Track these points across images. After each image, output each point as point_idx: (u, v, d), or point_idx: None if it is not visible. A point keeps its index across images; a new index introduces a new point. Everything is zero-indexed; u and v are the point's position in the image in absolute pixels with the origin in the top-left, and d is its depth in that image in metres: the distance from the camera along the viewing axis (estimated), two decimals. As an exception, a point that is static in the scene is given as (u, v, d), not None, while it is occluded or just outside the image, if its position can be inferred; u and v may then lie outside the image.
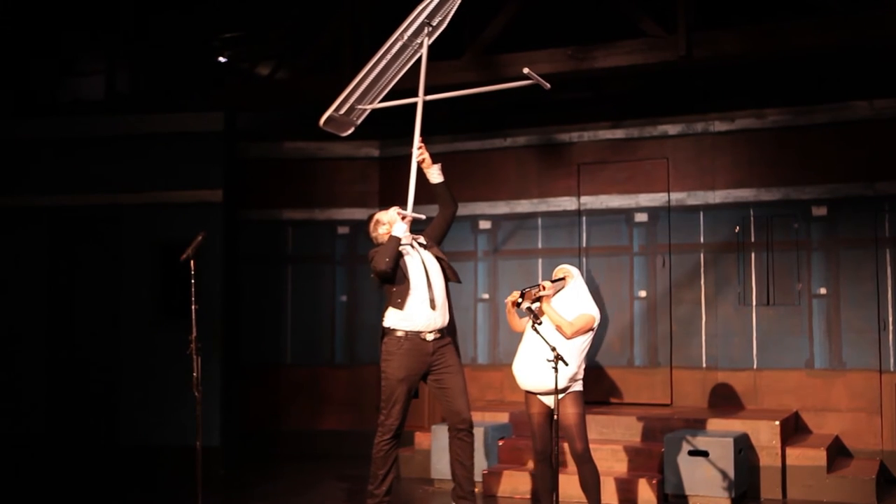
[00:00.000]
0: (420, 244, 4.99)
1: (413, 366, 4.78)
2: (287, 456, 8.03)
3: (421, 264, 4.87)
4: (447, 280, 4.93)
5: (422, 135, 5.06)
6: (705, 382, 7.32)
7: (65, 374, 7.90)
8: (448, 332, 4.90)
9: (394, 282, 4.79)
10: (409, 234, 4.94)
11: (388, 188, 8.41)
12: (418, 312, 4.76)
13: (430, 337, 4.79)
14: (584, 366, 4.92)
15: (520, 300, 4.76)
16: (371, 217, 5.12)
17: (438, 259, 4.95)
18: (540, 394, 4.91)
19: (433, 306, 4.78)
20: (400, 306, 4.75)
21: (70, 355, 7.91)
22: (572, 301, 4.92)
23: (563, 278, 4.99)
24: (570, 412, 4.77)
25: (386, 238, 4.88)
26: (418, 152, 4.99)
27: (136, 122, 7.97)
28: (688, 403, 7.33)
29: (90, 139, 8.01)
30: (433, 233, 5.11)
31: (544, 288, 4.84)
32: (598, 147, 7.85)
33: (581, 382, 4.92)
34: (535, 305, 4.78)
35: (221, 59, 8.71)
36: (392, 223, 4.91)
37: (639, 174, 7.68)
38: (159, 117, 7.93)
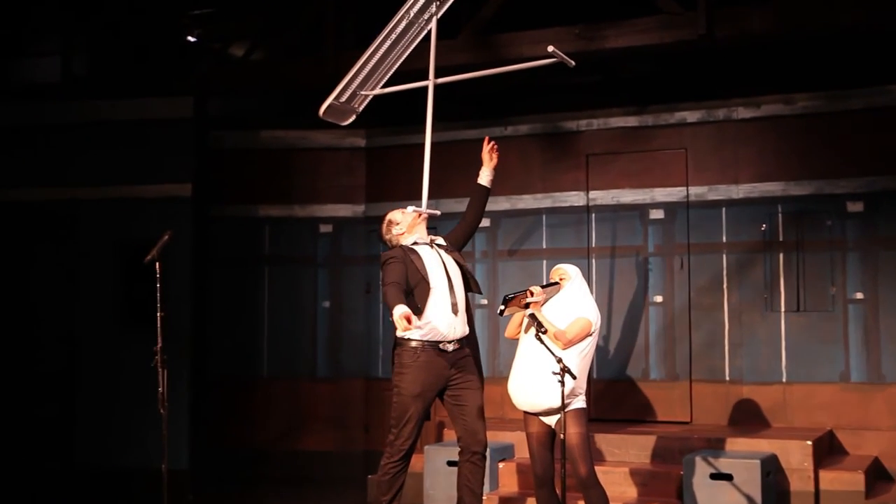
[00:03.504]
0: (439, 246, 5.03)
1: (430, 380, 4.78)
2: (263, 479, 8.02)
3: (441, 265, 4.89)
4: (467, 289, 4.96)
5: (411, 122, 5.18)
6: (729, 397, 7.31)
7: (15, 388, 7.91)
8: (468, 344, 4.92)
9: (407, 285, 4.77)
10: (425, 234, 5.01)
11: (375, 182, 8.44)
12: (439, 318, 4.76)
13: (450, 347, 4.80)
14: (585, 379, 4.92)
15: (502, 308, 4.77)
16: (384, 217, 5.14)
17: (459, 265, 4.99)
18: (539, 413, 4.92)
19: (455, 310, 4.79)
20: (418, 313, 4.70)
21: (21, 367, 7.94)
22: (568, 305, 4.92)
23: (558, 282, 5.00)
24: (571, 432, 4.77)
25: (400, 238, 4.97)
26: (493, 148, 5.19)
27: (95, 108, 7.99)
28: (709, 421, 7.32)
29: (44, 127, 8.04)
30: (455, 240, 5.16)
31: (532, 294, 4.81)
32: (608, 136, 7.84)
33: (583, 398, 4.91)
34: (528, 311, 4.77)
35: (190, 39, 8.73)
36: (408, 225, 4.97)
37: (654, 166, 7.68)
38: (121, 103, 7.94)
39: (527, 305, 4.82)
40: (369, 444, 8.17)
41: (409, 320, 4.37)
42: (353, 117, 5.60)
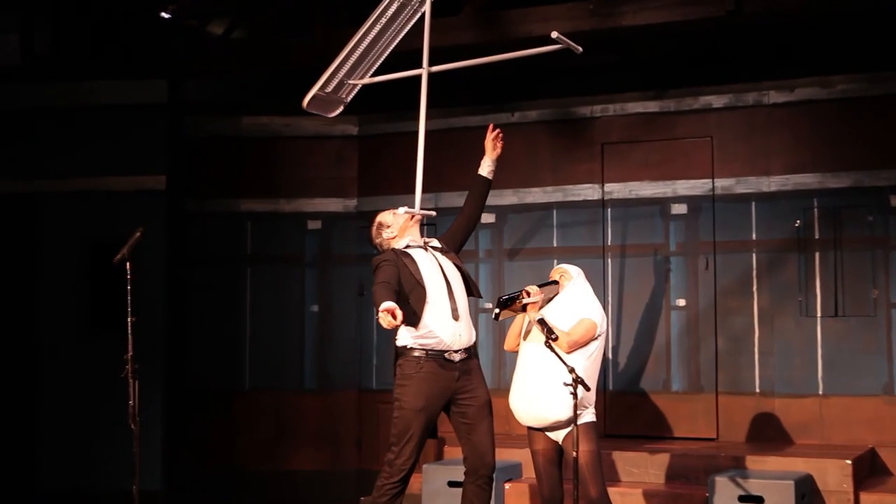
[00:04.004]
0: (434, 248, 5.05)
1: (434, 393, 4.79)
2: (245, 502, 8.03)
3: (438, 269, 4.92)
4: (468, 293, 5.00)
5: (408, 107, 5.22)
6: (759, 411, 7.30)
7: (-30, 403, 7.94)
8: (474, 353, 4.95)
9: (401, 293, 4.78)
10: (419, 236, 5.06)
11: (369, 173, 8.41)
12: (440, 326, 4.79)
13: (456, 357, 4.81)
14: (595, 388, 4.90)
15: (497, 311, 4.80)
16: (373, 220, 5.17)
17: (458, 268, 5.01)
18: (545, 428, 4.91)
19: (456, 316, 4.82)
20: (415, 323, 4.75)
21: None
22: (570, 307, 4.94)
23: (556, 281, 5.04)
24: (580, 449, 4.73)
25: (392, 242, 5.00)
26: (498, 137, 5.22)
27: (59, 91, 7.97)
28: (737, 437, 7.32)
29: (2, 113, 8.01)
30: (452, 238, 5.19)
31: (528, 294, 4.84)
32: (626, 123, 7.83)
33: (593, 410, 4.90)
34: (536, 316, 4.77)
35: (164, 15, 8.59)
36: (399, 227, 4.99)
37: (677, 156, 7.67)
38: (88, 86, 7.94)
39: (524, 307, 4.85)
40: (362, 462, 8.18)
41: (393, 315, 4.35)
42: (341, 108, 5.61)
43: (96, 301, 7.72)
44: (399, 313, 4.39)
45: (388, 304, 4.38)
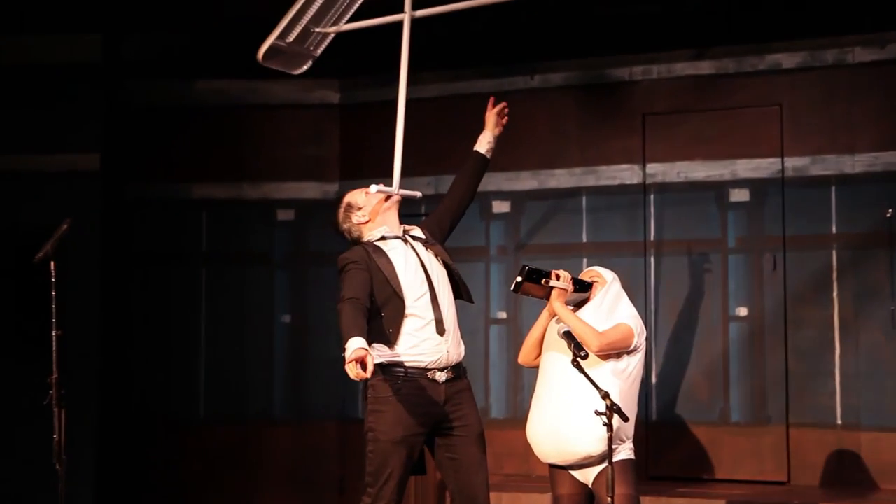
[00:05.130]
0: (415, 238, 5.08)
1: (416, 420, 4.83)
2: (200, 561, 8.09)
3: (420, 268, 4.95)
4: (457, 297, 5.09)
5: (409, 70, 5.32)
6: (840, 448, 7.23)
7: None
8: (463, 371, 5.02)
9: (374, 303, 4.84)
10: (397, 224, 5.10)
11: (353, 151, 8.35)
12: (421, 342, 4.85)
13: (441, 377, 4.87)
14: (634, 417, 4.96)
15: (519, 281, 4.96)
16: (340, 200, 5.20)
17: (446, 266, 5.07)
18: (572, 466, 4.93)
19: (441, 329, 4.86)
20: (391, 338, 4.81)
21: None
22: (603, 314, 5.04)
23: (590, 285, 5.14)
24: (615, 493, 4.66)
25: (363, 230, 5.08)
26: (501, 112, 5.39)
27: None
28: (812, 481, 7.25)
29: None
30: (436, 226, 5.24)
31: (558, 277, 4.97)
32: (673, 88, 7.79)
33: (630, 446, 4.95)
34: (561, 329, 4.76)
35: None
36: (372, 210, 5.06)
37: (737, 129, 7.61)
38: (2, 44, 7.88)
39: (549, 292, 4.99)
40: (346, 508, 8.23)
41: (363, 365, 4.37)
42: (309, 64, 5.67)
43: (13, 310, 7.70)
44: (370, 362, 4.40)
45: (358, 350, 4.39)
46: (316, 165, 8.47)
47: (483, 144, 5.36)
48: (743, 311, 7.48)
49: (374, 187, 5.06)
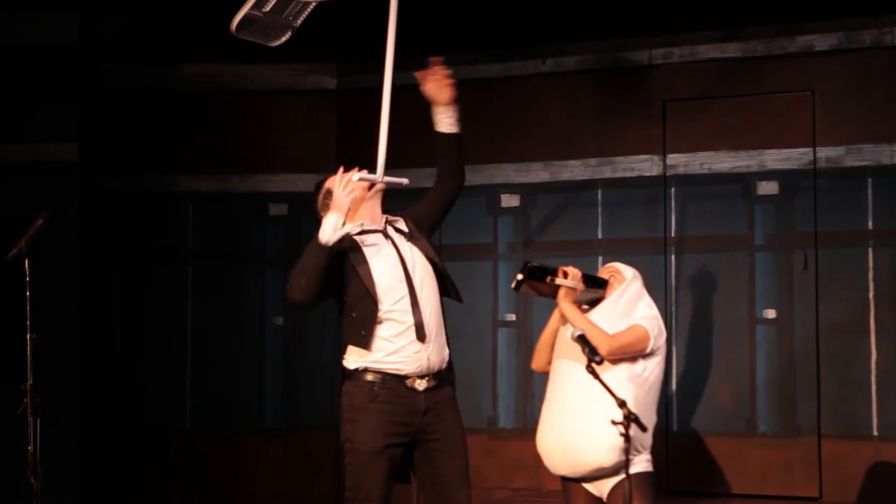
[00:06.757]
0: (398, 231, 5.00)
1: (394, 430, 4.76)
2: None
3: (398, 265, 4.86)
4: (442, 294, 5.01)
5: (406, 51, 5.19)
6: (877, 461, 7.16)
7: None
8: (446, 379, 4.92)
9: (346, 302, 4.82)
10: (379, 215, 5.02)
11: (351, 141, 8.19)
12: (398, 349, 4.79)
13: (420, 385, 4.79)
14: (653, 427, 4.95)
15: (520, 279, 4.94)
16: (320, 185, 5.13)
17: (431, 262, 4.97)
18: (584, 478, 4.93)
19: (421, 335, 4.78)
20: (363, 343, 4.76)
21: None
22: (620, 313, 5.04)
23: (605, 282, 5.14)
24: None
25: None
26: (439, 75, 5.10)
27: None
28: (848, 497, 7.18)
29: None
30: (423, 216, 5.15)
31: (565, 275, 4.98)
32: (696, 73, 7.77)
33: (648, 457, 4.96)
34: (575, 333, 4.61)
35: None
36: (355, 198, 4.91)
37: (765, 117, 7.58)
38: None
39: (555, 291, 4.98)
40: (343, 526, 8.12)
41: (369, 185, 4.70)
42: (288, 35, 5.51)
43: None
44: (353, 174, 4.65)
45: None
46: (311, 156, 8.38)
47: (442, 122, 5.13)
48: (771, 314, 7.46)
49: (356, 174, 4.94)
